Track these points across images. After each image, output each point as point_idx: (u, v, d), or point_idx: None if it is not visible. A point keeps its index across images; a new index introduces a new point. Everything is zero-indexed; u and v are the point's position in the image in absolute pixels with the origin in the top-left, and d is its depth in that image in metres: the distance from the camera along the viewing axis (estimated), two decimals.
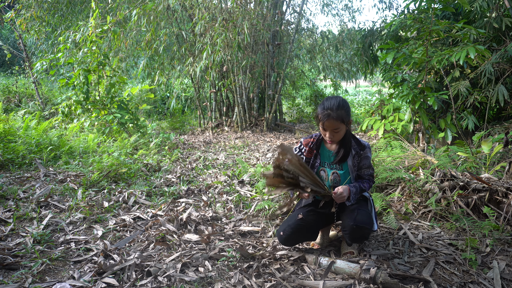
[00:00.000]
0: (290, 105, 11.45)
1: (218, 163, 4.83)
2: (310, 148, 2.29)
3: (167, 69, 8.06)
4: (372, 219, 2.16)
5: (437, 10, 4.14)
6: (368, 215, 2.15)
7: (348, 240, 2.15)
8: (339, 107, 2.08)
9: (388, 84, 6.41)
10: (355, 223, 2.06)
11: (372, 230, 2.16)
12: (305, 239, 2.26)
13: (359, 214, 2.11)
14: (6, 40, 15.69)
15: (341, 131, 2.14)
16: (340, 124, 2.10)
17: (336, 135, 2.15)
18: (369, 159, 2.24)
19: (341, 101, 2.12)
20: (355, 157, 2.22)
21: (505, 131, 4.27)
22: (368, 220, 2.10)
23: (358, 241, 2.17)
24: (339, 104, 2.10)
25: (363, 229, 2.07)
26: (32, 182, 3.58)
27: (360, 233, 2.09)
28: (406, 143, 4.22)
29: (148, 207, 3.14)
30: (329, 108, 2.09)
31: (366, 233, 2.11)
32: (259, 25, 6.87)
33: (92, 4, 5.88)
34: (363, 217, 2.10)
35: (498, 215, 2.58)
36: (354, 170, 2.23)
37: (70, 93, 6.07)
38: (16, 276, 1.95)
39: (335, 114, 2.07)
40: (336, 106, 2.08)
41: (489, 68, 4.34)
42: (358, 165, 2.24)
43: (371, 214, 2.23)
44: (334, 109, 2.08)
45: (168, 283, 1.91)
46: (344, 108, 2.11)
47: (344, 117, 2.10)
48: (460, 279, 1.96)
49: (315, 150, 2.29)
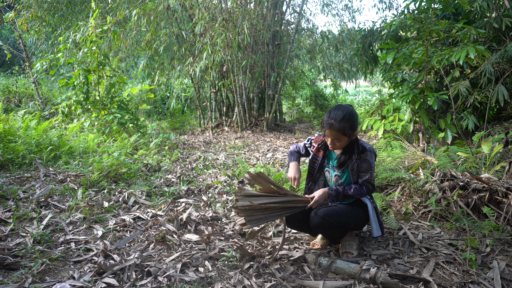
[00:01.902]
0: (290, 105, 11.45)
1: (218, 163, 4.83)
2: (319, 147, 2.34)
3: (167, 69, 8.06)
4: (346, 218, 2.15)
5: (437, 10, 4.14)
6: (340, 212, 2.13)
7: (312, 228, 2.19)
8: (343, 120, 2.08)
9: (388, 84, 6.41)
10: (315, 211, 2.13)
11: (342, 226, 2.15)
12: (303, 230, 2.39)
13: (328, 208, 2.14)
14: (6, 40, 15.69)
15: (342, 142, 2.15)
16: (341, 136, 2.11)
17: (337, 144, 2.17)
18: (369, 162, 2.19)
19: (347, 114, 2.10)
20: (356, 161, 2.22)
21: (505, 131, 4.27)
22: (334, 215, 2.10)
23: (321, 230, 2.19)
24: (344, 116, 2.08)
25: (323, 219, 2.07)
26: (32, 182, 3.58)
27: (318, 222, 2.09)
28: (406, 143, 4.22)
29: (148, 207, 3.14)
30: (334, 118, 2.09)
31: (326, 224, 2.09)
32: (259, 25, 6.87)
33: (92, 4, 5.88)
34: (329, 210, 2.11)
35: (498, 215, 2.58)
36: (353, 174, 2.24)
37: (70, 93, 6.07)
38: (16, 276, 1.95)
39: (338, 125, 2.08)
40: (340, 118, 2.08)
41: (489, 68, 4.34)
42: (357, 168, 2.23)
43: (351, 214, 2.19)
44: (338, 121, 2.08)
45: (168, 283, 1.91)
46: (349, 121, 2.09)
47: (347, 130, 2.09)
48: (460, 279, 1.96)
49: (323, 151, 2.33)
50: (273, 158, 5.19)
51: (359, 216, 2.24)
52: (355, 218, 2.22)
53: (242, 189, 2.12)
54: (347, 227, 2.21)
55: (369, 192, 2.25)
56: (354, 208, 2.23)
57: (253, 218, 2.02)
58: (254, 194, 2.10)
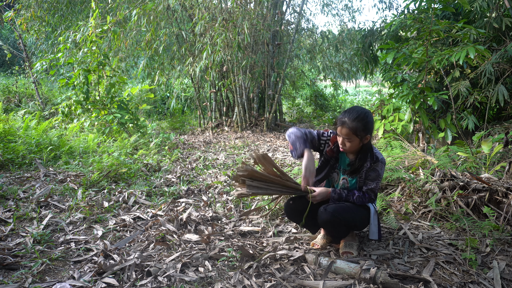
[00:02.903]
0: (290, 105, 11.45)
1: (218, 163, 4.83)
2: (332, 148, 2.26)
3: (167, 69, 8.06)
4: (353, 217, 2.16)
5: (437, 10, 4.14)
6: (348, 210, 2.14)
7: (320, 224, 2.20)
8: (357, 119, 2.06)
9: (388, 84, 6.41)
10: (324, 207, 2.13)
11: (349, 224, 2.16)
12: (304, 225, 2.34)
13: (337, 205, 2.15)
14: (6, 40, 15.69)
15: (352, 143, 2.12)
16: (353, 136, 2.08)
17: (347, 145, 2.13)
18: (378, 173, 2.18)
19: (362, 114, 2.08)
20: (368, 169, 2.21)
21: (505, 131, 4.27)
22: (343, 212, 2.11)
23: (328, 227, 2.19)
24: (358, 116, 2.07)
25: (333, 215, 2.08)
26: (32, 182, 3.58)
27: (328, 218, 2.10)
28: (406, 143, 4.22)
29: (148, 207, 3.14)
30: (348, 116, 2.08)
31: (335, 221, 2.10)
32: (259, 25, 6.87)
33: (92, 4, 5.88)
34: (338, 208, 2.12)
35: (498, 215, 2.58)
36: (361, 181, 2.24)
37: (70, 93, 6.07)
38: (16, 276, 1.95)
39: (350, 124, 2.06)
40: (354, 117, 2.07)
41: (489, 68, 4.34)
42: (365, 176, 2.22)
43: (357, 213, 2.19)
44: (351, 120, 2.06)
45: (168, 283, 1.91)
46: (363, 122, 2.07)
47: (359, 131, 2.07)
48: (460, 279, 1.96)
49: (335, 153, 2.27)
50: (273, 158, 5.19)
51: (364, 217, 2.25)
52: (360, 218, 2.23)
53: (245, 164, 2.12)
54: (353, 226, 2.22)
55: (370, 200, 2.25)
56: (359, 208, 2.23)
57: (253, 185, 2.05)
58: (257, 171, 2.10)
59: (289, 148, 2.27)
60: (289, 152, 5.68)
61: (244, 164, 2.13)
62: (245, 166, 2.10)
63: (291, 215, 2.34)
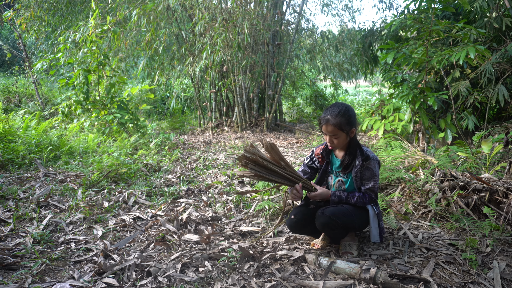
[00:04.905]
0: (290, 105, 11.45)
1: (218, 163, 4.83)
2: (322, 156, 2.35)
3: (167, 69, 8.06)
4: (351, 220, 2.16)
5: (437, 10, 4.14)
6: (345, 213, 2.14)
7: (317, 226, 2.20)
8: (339, 115, 2.11)
9: (388, 84, 6.41)
10: (322, 211, 2.15)
11: (347, 227, 2.17)
12: (306, 233, 2.40)
13: (335, 208, 2.16)
14: (6, 40, 15.69)
15: (340, 139, 2.16)
16: (338, 131, 2.13)
17: (335, 142, 2.18)
18: (372, 171, 2.19)
19: (343, 109, 2.13)
20: (359, 167, 2.21)
21: (505, 131, 4.27)
22: (340, 215, 2.12)
23: (326, 230, 2.18)
24: (340, 111, 2.12)
25: (330, 218, 2.09)
26: (32, 182, 3.58)
27: (325, 221, 2.11)
28: (406, 143, 4.22)
29: (148, 207, 3.14)
30: (330, 114, 2.13)
31: (333, 224, 2.10)
32: (259, 25, 6.87)
33: (92, 4, 5.88)
34: (336, 211, 2.13)
35: (498, 215, 2.58)
36: (357, 180, 2.24)
37: (70, 93, 6.07)
38: (16, 276, 1.94)
39: (334, 121, 2.11)
40: (336, 113, 2.12)
41: (489, 68, 4.34)
42: (360, 175, 2.23)
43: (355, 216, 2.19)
44: (334, 116, 2.11)
45: (168, 283, 1.91)
46: (345, 116, 2.12)
47: (343, 126, 2.11)
48: (460, 279, 1.95)
49: (326, 158, 2.35)
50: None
51: (363, 219, 2.25)
52: (360, 220, 2.23)
53: (253, 147, 2.12)
54: (352, 228, 2.22)
55: (371, 201, 2.25)
56: (359, 210, 2.23)
57: (256, 169, 2.07)
58: (263, 156, 2.11)
59: None
60: (288, 152, 5.68)
61: (252, 146, 2.11)
62: (253, 149, 2.09)
63: (295, 230, 2.36)
